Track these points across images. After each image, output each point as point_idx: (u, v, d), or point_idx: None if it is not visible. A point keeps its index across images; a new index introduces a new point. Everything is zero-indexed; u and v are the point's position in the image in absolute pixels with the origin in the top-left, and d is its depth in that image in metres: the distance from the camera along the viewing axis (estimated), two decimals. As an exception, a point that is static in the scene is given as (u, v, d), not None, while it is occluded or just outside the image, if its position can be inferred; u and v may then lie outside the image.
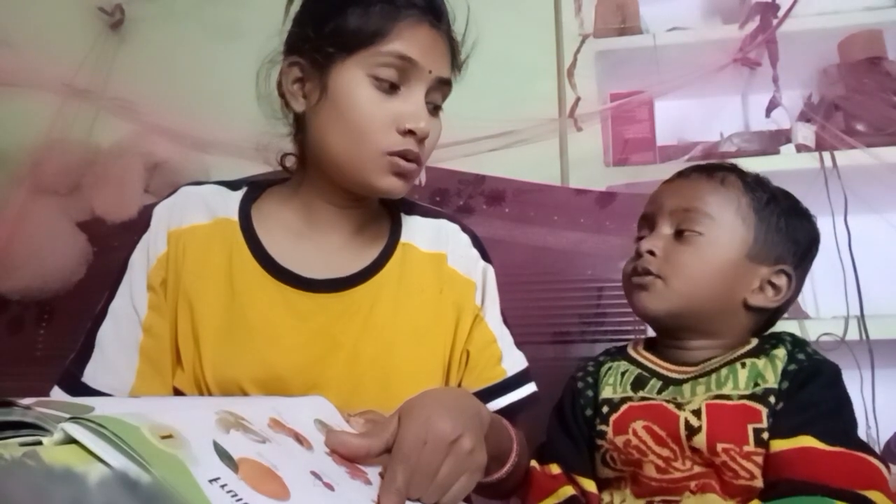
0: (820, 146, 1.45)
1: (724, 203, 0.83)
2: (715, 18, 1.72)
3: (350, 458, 0.59)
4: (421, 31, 0.82)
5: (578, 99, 1.54)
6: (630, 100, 1.53)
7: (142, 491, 0.27)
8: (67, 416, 0.41)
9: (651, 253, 0.84)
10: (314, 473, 0.53)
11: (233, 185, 0.93)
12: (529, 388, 0.92)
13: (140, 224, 0.89)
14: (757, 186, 0.85)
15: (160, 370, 0.83)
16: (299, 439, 0.57)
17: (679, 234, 0.84)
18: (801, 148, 1.46)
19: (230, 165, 1.50)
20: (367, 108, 0.80)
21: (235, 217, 0.88)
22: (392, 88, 0.81)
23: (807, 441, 0.70)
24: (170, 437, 0.43)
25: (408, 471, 0.57)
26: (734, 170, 0.88)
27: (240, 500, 0.42)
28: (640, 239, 0.89)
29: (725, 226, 0.82)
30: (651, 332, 0.92)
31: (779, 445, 0.72)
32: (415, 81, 0.81)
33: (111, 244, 1.48)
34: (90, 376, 0.81)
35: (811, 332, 1.33)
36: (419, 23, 0.82)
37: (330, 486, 0.52)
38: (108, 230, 1.48)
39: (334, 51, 0.81)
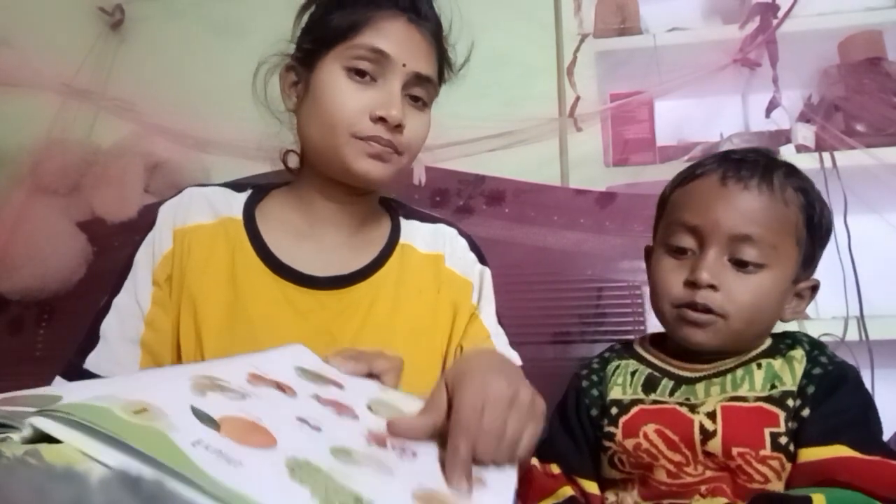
0: (820, 146, 1.45)
1: (786, 228, 0.77)
2: (715, 19, 1.72)
3: (417, 439, 0.58)
4: (396, 25, 0.83)
5: (578, 98, 1.54)
6: (630, 100, 1.53)
7: (143, 489, 0.27)
8: (34, 409, 0.40)
9: (713, 287, 0.76)
10: (300, 419, 0.52)
11: (237, 187, 0.95)
12: None
13: (140, 224, 0.90)
14: (804, 193, 0.79)
15: (161, 364, 0.84)
16: (281, 388, 0.57)
17: (738, 264, 0.76)
18: (800, 148, 1.45)
19: (230, 165, 1.50)
20: (340, 97, 0.82)
21: (240, 216, 0.90)
22: (367, 79, 0.83)
23: (842, 450, 0.68)
24: (143, 410, 0.42)
25: (469, 440, 0.56)
26: (780, 167, 0.80)
27: (226, 457, 0.41)
28: (679, 250, 0.80)
29: (785, 255, 0.77)
30: (652, 329, 0.90)
31: (812, 454, 0.70)
32: (390, 74, 0.83)
33: (111, 244, 1.48)
34: (93, 365, 0.82)
35: (811, 332, 1.31)
36: (395, 17, 0.84)
37: (317, 429, 0.52)
38: (108, 230, 1.48)
39: (317, 48, 0.85)
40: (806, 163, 1.42)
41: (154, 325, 0.85)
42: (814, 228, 0.79)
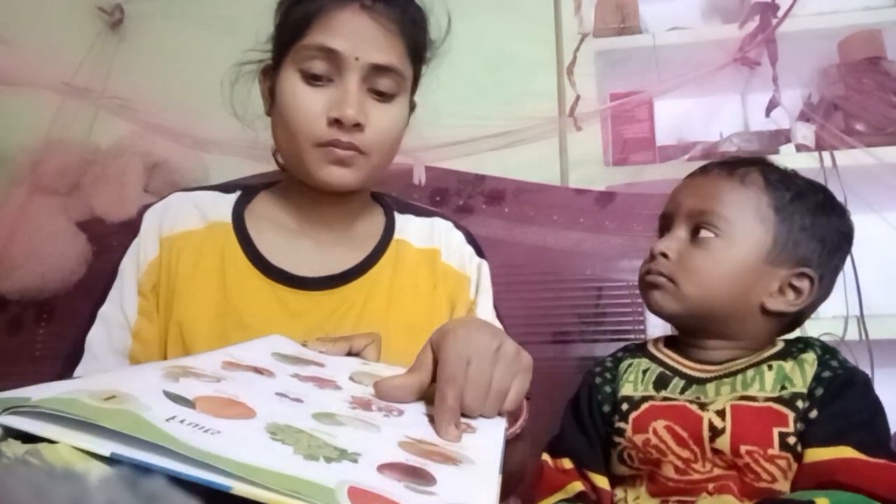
0: (819, 146, 1.45)
1: (743, 203, 0.81)
2: (714, 18, 1.72)
3: (404, 399, 0.58)
4: (345, 16, 0.79)
5: (578, 97, 1.54)
6: (630, 99, 1.53)
7: (143, 490, 0.27)
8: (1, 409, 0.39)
9: (664, 255, 0.82)
10: (279, 394, 0.52)
11: (226, 189, 0.93)
12: None
13: (139, 223, 0.89)
14: (780, 184, 0.82)
15: None
16: (258, 371, 0.57)
17: (694, 237, 0.82)
18: (800, 148, 1.45)
19: (230, 165, 1.50)
20: (295, 101, 0.80)
21: (228, 220, 0.88)
22: (323, 80, 0.80)
23: (847, 451, 0.69)
24: (112, 397, 0.41)
25: (456, 389, 0.56)
26: (758, 165, 0.84)
27: (203, 428, 0.40)
28: (659, 238, 0.87)
29: (742, 228, 0.80)
30: (656, 332, 0.91)
31: (817, 455, 0.71)
32: (345, 71, 0.79)
33: (110, 244, 1.48)
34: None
35: (811, 332, 1.32)
36: (344, 6, 0.79)
37: (298, 401, 0.51)
38: (108, 230, 1.48)
39: (279, 50, 0.83)
40: (805, 162, 1.42)
41: (141, 336, 0.83)
42: (784, 212, 0.80)
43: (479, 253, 0.97)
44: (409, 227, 0.95)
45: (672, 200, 0.87)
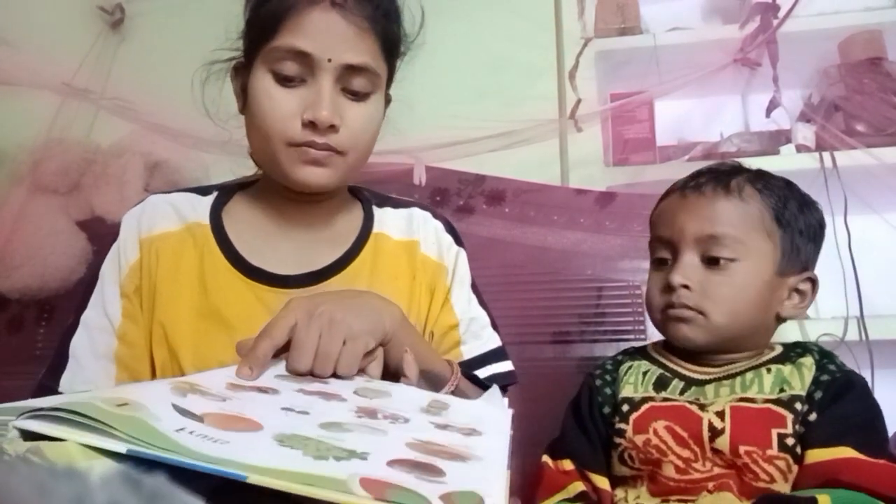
0: (820, 146, 1.45)
1: (750, 222, 0.81)
2: (715, 18, 1.72)
3: (260, 360, 0.63)
4: (315, 16, 0.77)
5: (579, 101, 1.54)
6: (630, 100, 1.53)
7: (145, 488, 0.27)
8: (14, 417, 0.40)
9: (686, 287, 0.81)
10: (285, 409, 0.53)
11: (202, 191, 0.92)
12: (496, 368, 0.89)
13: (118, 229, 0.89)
14: (770, 192, 0.83)
15: (138, 378, 0.82)
16: (262, 390, 0.58)
17: (709, 262, 0.81)
18: (801, 148, 1.46)
19: (229, 164, 1.50)
20: (269, 103, 0.79)
21: (206, 221, 0.88)
22: (296, 81, 0.78)
23: (847, 452, 0.70)
24: (125, 404, 0.42)
25: (268, 341, 0.63)
26: (742, 174, 0.85)
27: (211, 439, 0.41)
28: (659, 261, 0.86)
29: (755, 247, 0.81)
30: (656, 334, 0.91)
31: (818, 455, 0.72)
32: (317, 72, 0.78)
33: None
34: (66, 387, 0.79)
35: (811, 332, 1.33)
36: (312, 7, 0.77)
37: (304, 413, 0.52)
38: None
39: (248, 50, 0.83)
40: (806, 163, 1.42)
41: (126, 339, 0.82)
42: (785, 222, 0.82)
43: (458, 242, 0.96)
44: (388, 221, 0.93)
45: (670, 226, 0.85)
